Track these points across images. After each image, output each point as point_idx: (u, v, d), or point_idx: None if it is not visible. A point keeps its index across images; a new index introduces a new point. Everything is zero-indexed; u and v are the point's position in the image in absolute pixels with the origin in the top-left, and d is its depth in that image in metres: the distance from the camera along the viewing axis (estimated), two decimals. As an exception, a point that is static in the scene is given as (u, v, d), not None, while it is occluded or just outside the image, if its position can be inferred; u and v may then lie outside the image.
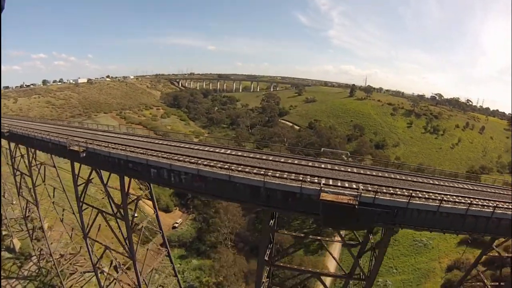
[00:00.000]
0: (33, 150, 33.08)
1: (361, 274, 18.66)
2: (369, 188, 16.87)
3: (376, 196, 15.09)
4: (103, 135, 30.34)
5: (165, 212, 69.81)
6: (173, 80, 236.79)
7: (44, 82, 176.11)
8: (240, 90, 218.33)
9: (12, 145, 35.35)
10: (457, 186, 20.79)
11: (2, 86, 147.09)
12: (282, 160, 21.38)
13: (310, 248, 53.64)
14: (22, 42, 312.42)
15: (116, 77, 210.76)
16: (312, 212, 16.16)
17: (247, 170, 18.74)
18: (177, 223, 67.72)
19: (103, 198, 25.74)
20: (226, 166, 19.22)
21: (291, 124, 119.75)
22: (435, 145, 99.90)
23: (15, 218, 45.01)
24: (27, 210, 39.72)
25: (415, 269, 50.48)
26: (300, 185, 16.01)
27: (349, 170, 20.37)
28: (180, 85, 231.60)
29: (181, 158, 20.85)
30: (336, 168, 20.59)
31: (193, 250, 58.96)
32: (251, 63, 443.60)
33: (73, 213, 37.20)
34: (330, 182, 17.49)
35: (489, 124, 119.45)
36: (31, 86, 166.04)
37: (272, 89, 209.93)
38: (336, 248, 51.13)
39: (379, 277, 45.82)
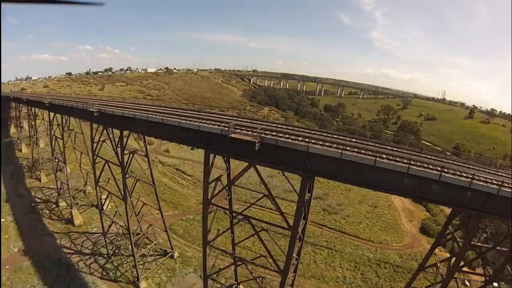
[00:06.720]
0: (66, 117, 39.39)
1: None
2: None
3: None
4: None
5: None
6: (243, 76, 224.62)
7: (107, 70, 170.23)
8: (322, 94, 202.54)
9: (51, 115, 42.13)
10: None
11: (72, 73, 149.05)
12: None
13: None
14: (69, 35, 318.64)
15: (183, 69, 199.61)
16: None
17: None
18: None
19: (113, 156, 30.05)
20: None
21: (431, 145, 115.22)
22: None
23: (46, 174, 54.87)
24: (58, 168, 47.17)
25: None
26: None
27: None
28: (251, 82, 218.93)
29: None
30: None
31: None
32: (291, 61, 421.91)
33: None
34: None
35: None
36: (98, 73, 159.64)
37: (342, 93, 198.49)
38: None
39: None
